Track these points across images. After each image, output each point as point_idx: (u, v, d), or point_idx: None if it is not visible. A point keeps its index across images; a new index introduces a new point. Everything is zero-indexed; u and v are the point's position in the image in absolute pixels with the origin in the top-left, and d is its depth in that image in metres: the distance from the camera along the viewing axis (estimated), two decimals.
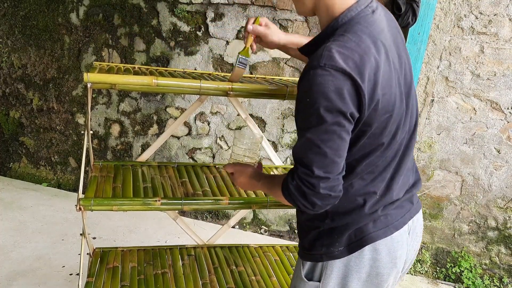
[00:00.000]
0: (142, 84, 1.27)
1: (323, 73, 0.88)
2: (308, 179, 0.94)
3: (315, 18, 2.75)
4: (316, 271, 1.11)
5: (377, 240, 1.06)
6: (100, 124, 3.34)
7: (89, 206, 1.31)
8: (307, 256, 1.12)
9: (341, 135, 0.92)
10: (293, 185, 0.97)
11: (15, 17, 3.30)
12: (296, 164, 0.98)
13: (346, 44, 0.91)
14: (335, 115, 0.90)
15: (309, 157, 0.94)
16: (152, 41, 3.06)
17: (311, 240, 1.11)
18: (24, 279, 2.31)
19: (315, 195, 0.95)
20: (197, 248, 1.91)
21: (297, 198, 0.98)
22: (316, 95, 0.89)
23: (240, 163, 1.29)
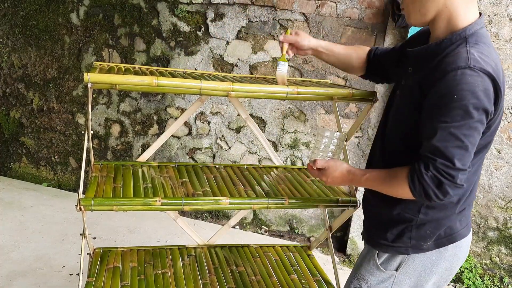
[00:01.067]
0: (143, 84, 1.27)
1: (472, 74, 0.97)
2: (448, 171, 1.01)
3: (315, 18, 2.75)
4: (394, 261, 1.19)
5: (463, 237, 1.17)
6: (100, 124, 3.34)
7: (90, 206, 1.31)
8: (390, 248, 1.19)
9: (480, 131, 1.02)
10: (429, 175, 1.02)
11: (15, 17, 3.30)
12: (433, 156, 1.02)
13: (484, 52, 1.02)
14: (480, 113, 0.99)
15: (451, 150, 1.00)
16: (152, 41, 3.06)
17: (398, 233, 1.18)
18: (24, 279, 2.31)
19: (451, 185, 1.02)
20: (197, 248, 1.91)
21: (430, 188, 1.03)
22: (465, 93, 0.97)
23: (332, 159, 1.30)
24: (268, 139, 3.01)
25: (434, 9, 1.08)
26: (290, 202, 1.49)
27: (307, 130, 2.96)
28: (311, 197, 1.56)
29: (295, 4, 2.76)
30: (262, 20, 2.84)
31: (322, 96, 1.46)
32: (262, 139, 1.88)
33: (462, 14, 1.07)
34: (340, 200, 1.56)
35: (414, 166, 1.06)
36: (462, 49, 1.02)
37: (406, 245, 1.17)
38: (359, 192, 2.81)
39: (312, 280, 1.79)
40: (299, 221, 3.14)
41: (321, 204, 1.56)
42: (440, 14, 1.08)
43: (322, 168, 1.28)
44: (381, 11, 2.67)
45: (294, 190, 1.62)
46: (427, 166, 1.03)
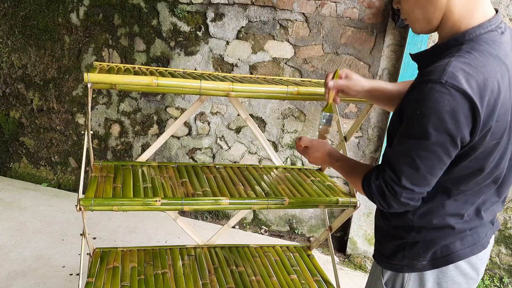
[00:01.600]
0: (143, 84, 1.27)
1: (441, 90, 0.85)
2: (392, 185, 0.96)
3: (315, 18, 2.75)
4: (397, 281, 1.11)
5: (464, 258, 1.06)
6: (100, 124, 3.34)
7: (89, 206, 1.31)
8: (387, 265, 1.13)
9: (441, 157, 0.91)
10: (376, 184, 0.99)
11: (15, 17, 3.30)
12: (385, 166, 0.98)
13: (472, 63, 0.88)
14: (442, 136, 0.88)
15: (401, 166, 0.94)
16: (152, 41, 3.06)
17: (393, 250, 1.11)
18: (24, 279, 2.31)
19: (394, 200, 0.97)
20: (197, 248, 1.91)
21: (376, 196, 1.00)
22: (428, 111, 0.87)
23: (318, 140, 1.29)
24: (268, 139, 3.01)
25: (438, 14, 0.97)
26: (290, 202, 1.49)
27: None
28: (311, 197, 1.56)
29: (295, 4, 2.76)
30: (262, 20, 2.84)
31: (322, 96, 1.46)
32: (262, 139, 1.88)
33: (467, 16, 0.94)
34: (340, 200, 1.56)
35: (370, 169, 1.05)
36: (446, 59, 0.90)
37: (401, 263, 1.09)
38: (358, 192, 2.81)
39: (312, 280, 1.79)
40: (299, 221, 3.14)
41: (321, 204, 1.56)
42: (446, 19, 0.97)
43: (306, 147, 1.28)
44: (381, 11, 2.67)
45: (294, 190, 1.62)
46: (377, 175, 1.00)
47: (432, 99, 0.86)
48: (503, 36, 0.96)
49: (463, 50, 0.91)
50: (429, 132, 0.88)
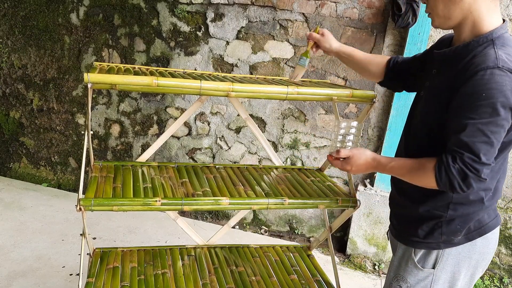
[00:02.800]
0: (143, 84, 1.27)
1: (501, 73, 1.02)
2: (473, 164, 1.06)
3: (315, 18, 2.75)
4: (430, 258, 1.23)
5: (492, 230, 1.22)
6: (100, 124, 3.34)
7: (90, 206, 1.31)
8: (422, 245, 1.24)
9: (506, 129, 1.07)
10: (456, 168, 1.07)
11: (15, 17, 3.30)
12: (461, 150, 1.07)
13: (510, 53, 1.07)
14: (507, 111, 1.04)
15: (478, 145, 1.05)
16: (152, 41, 3.06)
17: (429, 230, 1.22)
18: (24, 279, 2.31)
19: (476, 178, 1.07)
20: (197, 248, 1.91)
21: (456, 180, 1.08)
22: (494, 92, 1.02)
23: (355, 147, 1.35)
24: (268, 139, 3.01)
25: (460, 14, 1.12)
26: (290, 202, 1.49)
27: (307, 130, 2.97)
28: (311, 197, 1.56)
29: (295, 4, 2.76)
30: (262, 20, 2.84)
31: (322, 97, 1.46)
32: (262, 139, 1.88)
33: (486, 19, 1.11)
34: (340, 200, 1.56)
35: (441, 158, 1.11)
36: (490, 50, 1.06)
37: (438, 240, 1.21)
38: (358, 192, 2.82)
39: (312, 280, 1.79)
40: (299, 221, 3.15)
41: (321, 204, 1.56)
42: (466, 19, 1.13)
43: (346, 157, 1.30)
44: (381, 11, 2.67)
45: (294, 190, 1.62)
46: (455, 159, 1.08)
47: (496, 82, 1.02)
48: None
49: (497, 44, 1.08)
50: (498, 109, 1.03)
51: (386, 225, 2.84)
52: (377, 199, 2.81)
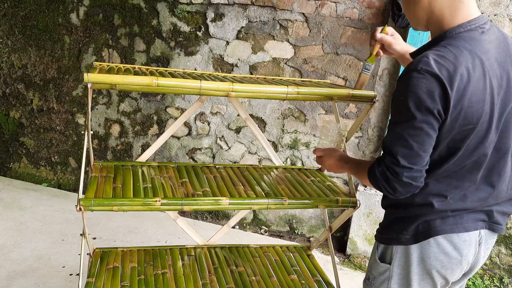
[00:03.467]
0: (143, 84, 1.27)
1: (418, 76, 1.02)
2: (393, 167, 1.08)
3: (315, 18, 2.75)
4: (388, 254, 1.25)
5: (442, 234, 1.16)
6: (100, 124, 3.34)
7: (90, 206, 1.31)
8: (380, 238, 1.27)
9: (428, 132, 1.04)
10: (379, 170, 1.11)
11: (15, 17, 3.30)
12: (384, 153, 1.11)
13: (444, 55, 1.03)
14: (424, 114, 1.02)
15: (397, 148, 1.07)
16: (152, 41, 3.06)
17: (386, 225, 1.27)
18: (24, 279, 2.31)
19: (397, 182, 1.08)
20: (197, 248, 1.91)
21: (381, 183, 1.11)
22: (409, 94, 1.03)
23: (329, 148, 1.45)
24: (268, 139, 3.01)
25: (424, 14, 1.14)
26: (290, 202, 1.49)
27: (307, 130, 2.96)
28: (311, 197, 1.56)
29: (295, 4, 2.76)
30: (262, 20, 2.84)
31: (322, 96, 1.46)
32: (262, 139, 1.88)
33: (449, 17, 1.10)
34: (340, 200, 1.56)
35: (373, 161, 1.17)
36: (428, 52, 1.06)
37: (390, 236, 1.23)
38: (358, 192, 2.82)
39: (312, 280, 1.79)
40: (299, 221, 3.15)
41: (321, 204, 1.56)
42: (430, 18, 1.14)
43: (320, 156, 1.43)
44: (381, 11, 2.67)
45: (294, 190, 1.62)
46: (379, 162, 1.12)
47: (411, 84, 1.02)
48: (483, 35, 1.09)
49: (440, 45, 1.07)
50: (413, 112, 1.03)
51: None
52: (377, 199, 2.81)
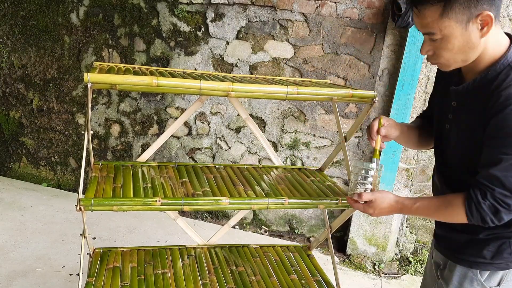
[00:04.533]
0: (143, 84, 1.27)
1: None
2: (505, 200, 1.05)
3: (315, 18, 2.75)
4: (496, 277, 1.20)
5: None
6: (100, 124, 3.34)
7: (89, 206, 1.31)
8: (490, 266, 1.19)
9: None
10: (487, 204, 1.07)
11: (15, 17, 3.30)
12: (491, 184, 1.06)
13: None
14: None
15: (510, 180, 1.04)
16: (152, 41, 3.06)
17: (496, 251, 1.18)
18: (24, 279, 2.31)
19: (507, 212, 1.07)
20: (197, 248, 1.91)
21: (488, 215, 1.08)
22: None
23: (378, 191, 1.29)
24: (268, 139, 3.01)
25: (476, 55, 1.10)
26: (290, 202, 1.49)
27: (307, 130, 2.96)
28: (311, 197, 1.56)
29: (295, 4, 2.76)
30: (262, 20, 2.84)
31: (322, 97, 1.46)
32: (262, 139, 1.88)
33: (496, 45, 1.09)
34: (340, 200, 1.56)
35: (470, 194, 1.10)
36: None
37: (507, 260, 1.18)
38: None
39: (312, 280, 1.79)
40: (299, 221, 3.14)
41: (321, 204, 1.55)
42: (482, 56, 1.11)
43: (368, 201, 1.27)
44: (381, 11, 2.67)
45: (294, 190, 1.62)
46: (485, 194, 1.07)
47: None
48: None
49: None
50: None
51: (386, 225, 2.85)
52: None
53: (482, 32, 1.06)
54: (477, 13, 1.03)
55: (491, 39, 1.08)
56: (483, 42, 1.07)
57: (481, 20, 1.04)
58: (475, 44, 1.07)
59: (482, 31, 1.05)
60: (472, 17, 1.04)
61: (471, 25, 1.05)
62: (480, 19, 1.04)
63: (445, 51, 1.10)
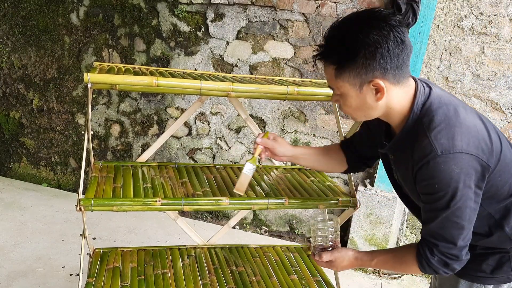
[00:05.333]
0: (143, 84, 1.27)
1: (445, 160, 1.00)
2: (451, 252, 1.06)
3: (315, 19, 2.75)
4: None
5: None
6: (100, 124, 3.34)
7: (90, 206, 1.31)
8: (491, 280, 1.18)
9: (472, 206, 1.03)
10: (435, 260, 1.08)
11: (15, 17, 3.30)
12: (435, 240, 1.07)
13: (442, 125, 1.03)
14: (465, 191, 1.00)
15: (450, 233, 1.04)
16: (152, 41, 3.06)
17: (496, 264, 1.17)
18: (24, 279, 2.31)
19: (458, 263, 1.07)
20: (197, 248, 1.91)
21: (439, 269, 1.09)
22: (446, 181, 1.00)
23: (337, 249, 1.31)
24: None
25: (379, 113, 1.11)
26: (290, 202, 1.49)
27: (307, 130, 2.96)
28: (311, 197, 1.56)
29: (295, 4, 2.76)
30: (262, 21, 2.84)
31: (322, 96, 1.46)
32: None
33: (400, 105, 1.08)
34: (340, 200, 1.56)
35: (419, 250, 1.11)
36: (424, 139, 1.02)
37: (508, 274, 1.17)
38: (358, 192, 2.82)
39: (312, 280, 1.79)
40: (299, 221, 3.14)
41: (321, 204, 1.55)
42: (388, 112, 1.10)
43: (329, 261, 1.31)
44: None
45: (294, 190, 1.62)
46: (432, 250, 1.08)
47: (441, 170, 0.99)
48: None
49: (426, 124, 1.04)
50: (455, 196, 1.00)
51: (386, 225, 2.84)
52: (377, 199, 2.81)
53: (377, 96, 1.05)
54: (368, 80, 1.03)
55: (394, 101, 1.07)
56: (383, 104, 1.07)
57: (374, 86, 1.03)
58: (372, 106, 1.07)
59: (377, 96, 1.05)
60: (365, 83, 1.03)
61: (366, 88, 1.04)
62: (372, 85, 1.03)
63: (345, 107, 1.12)
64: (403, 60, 1.03)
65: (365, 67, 1.01)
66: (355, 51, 1.00)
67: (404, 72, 1.05)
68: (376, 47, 0.99)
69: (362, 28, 1.00)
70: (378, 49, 0.99)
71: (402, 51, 1.02)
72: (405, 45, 1.02)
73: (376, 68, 1.01)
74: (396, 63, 1.02)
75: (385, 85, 1.03)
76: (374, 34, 0.99)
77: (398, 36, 1.00)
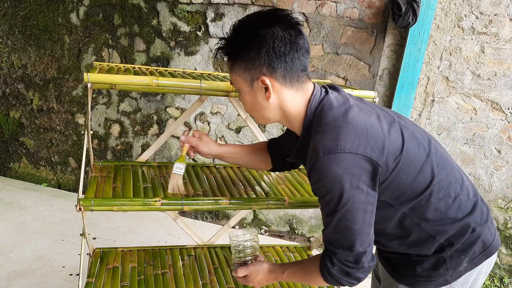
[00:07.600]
0: (143, 84, 1.27)
1: (328, 161, 0.97)
2: (349, 259, 1.01)
3: (315, 18, 2.75)
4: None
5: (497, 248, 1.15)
6: (100, 124, 3.34)
7: (89, 206, 1.30)
8: (429, 284, 1.14)
9: (365, 208, 0.98)
10: (335, 269, 1.04)
11: (15, 17, 3.30)
12: (333, 247, 1.03)
13: (327, 128, 1.01)
14: (353, 192, 0.96)
15: (346, 238, 0.99)
16: (152, 41, 3.06)
17: (432, 267, 1.13)
18: (24, 279, 2.31)
19: (360, 270, 1.02)
20: (197, 248, 1.91)
21: (342, 279, 1.04)
22: (332, 183, 0.97)
23: (252, 263, 1.28)
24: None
25: (274, 116, 1.10)
26: (290, 202, 1.49)
27: None
28: (311, 197, 1.56)
29: (295, 4, 2.76)
30: None
31: None
32: (262, 139, 1.87)
33: (295, 108, 1.07)
34: None
35: (321, 261, 1.08)
36: (313, 143, 1.00)
37: (445, 276, 1.12)
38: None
39: None
40: (299, 221, 3.14)
41: None
42: (284, 116, 1.10)
43: (245, 276, 1.27)
44: (381, 11, 2.67)
45: (294, 190, 1.62)
46: (331, 259, 1.05)
47: (326, 172, 0.96)
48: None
49: (315, 127, 1.03)
50: (342, 199, 0.96)
51: None
52: None
53: (266, 94, 1.04)
54: (257, 76, 1.03)
55: (288, 104, 1.06)
56: (275, 105, 1.06)
57: (262, 83, 1.03)
58: (265, 105, 1.07)
59: (266, 94, 1.04)
60: (254, 79, 1.04)
61: (256, 85, 1.05)
62: (261, 82, 1.03)
63: (244, 104, 1.13)
64: (293, 62, 1.02)
65: (252, 62, 1.02)
66: (244, 45, 1.02)
67: (298, 76, 1.05)
68: (262, 42, 1.00)
69: (256, 24, 1.02)
70: (263, 45, 1.00)
71: (290, 52, 1.01)
72: (295, 47, 1.01)
73: (262, 64, 1.01)
74: (284, 64, 1.02)
75: (273, 84, 1.03)
76: (263, 30, 1.00)
77: (287, 37, 1.00)
